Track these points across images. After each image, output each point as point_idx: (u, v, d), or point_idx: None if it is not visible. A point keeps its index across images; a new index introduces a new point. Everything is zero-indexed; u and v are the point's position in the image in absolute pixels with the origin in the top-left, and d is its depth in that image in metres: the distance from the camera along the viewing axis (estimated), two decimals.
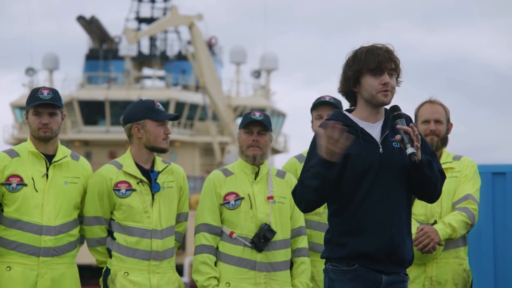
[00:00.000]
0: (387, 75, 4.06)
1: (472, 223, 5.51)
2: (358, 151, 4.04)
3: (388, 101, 4.09)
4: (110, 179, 5.19)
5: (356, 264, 4.03)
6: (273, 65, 45.10)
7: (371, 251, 4.02)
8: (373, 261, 4.03)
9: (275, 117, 43.51)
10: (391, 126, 4.12)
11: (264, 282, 5.22)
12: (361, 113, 4.13)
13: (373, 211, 4.03)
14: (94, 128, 42.01)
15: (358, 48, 4.10)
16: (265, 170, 5.35)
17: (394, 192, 4.06)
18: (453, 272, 5.54)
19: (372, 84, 4.06)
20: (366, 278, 4.03)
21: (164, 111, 5.26)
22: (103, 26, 45.60)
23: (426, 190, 4.13)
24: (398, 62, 4.09)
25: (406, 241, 4.10)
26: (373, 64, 4.04)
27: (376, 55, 4.04)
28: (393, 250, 4.05)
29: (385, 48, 4.07)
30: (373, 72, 4.06)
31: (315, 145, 4.03)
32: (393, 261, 4.07)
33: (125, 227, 5.17)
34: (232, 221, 5.27)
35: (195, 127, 42.73)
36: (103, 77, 44.18)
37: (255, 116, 5.29)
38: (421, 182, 4.09)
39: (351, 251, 4.03)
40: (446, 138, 5.67)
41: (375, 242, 4.02)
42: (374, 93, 4.07)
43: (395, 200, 4.06)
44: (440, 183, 4.16)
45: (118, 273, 5.16)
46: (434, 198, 4.20)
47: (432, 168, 4.09)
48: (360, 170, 4.04)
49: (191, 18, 40.73)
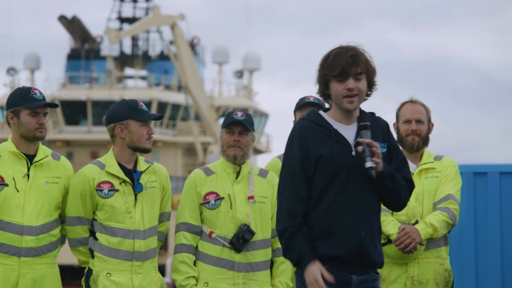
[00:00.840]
0: (353, 80, 4.03)
1: (453, 223, 5.54)
2: (330, 152, 4.02)
3: (353, 107, 4.05)
4: (93, 179, 5.18)
5: (326, 265, 4.01)
6: (255, 65, 45.10)
7: (340, 254, 4.01)
8: (342, 264, 4.02)
9: (257, 117, 43.51)
10: (360, 135, 4.08)
11: (242, 283, 5.23)
12: (335, 114, 4.11)
13: (343, 215, 4.01)
14: (76, 128, 41.87)
15: (329, 51, 4.08)
16: (247, 170, 5.36)
17: (365, 195, 4.04)
18: (434, 271, 5.56)
19: (337, 89, 4.05)
20: (336, 278, 4.01)
21: (147, 111, 5.26)
22: (85, 25, 45.45)
23: (388, 200, 4.13)
24: (366, 65, 4.05)
25: (376, 245, 4.08)
26: (337, 70, 4.02)
27: (339, 61, 4.02)
28: (363, 254, 4.03)
29: (350, 53, 4.03)
30: (338, 78, 4.04)
31: (291, 145, 4.05)
32: (363, 264, 4.05)
33: (108, 227, 5.16)
34: (211, 220, 5.27)
35: (178, 127, 42.67)
36: (85, 77, 44.05)
37: (236, 116, 5.30)
38: (383, 192, 4.08)
39: (319, 255, 4.01)
40: (427, 138, 5.70)
41: (344, 245, 4.00)
42: (339, 99, 4.06)
43: (365, 204, 4.04)
44: (404, 193, 4.12)
45: (101, 273, 5.14)
46: (398, 208, 4.19)
47: (394, 179, 4.06)
48: (330, 172, 4.02)
49: (173, 18, 40.67)
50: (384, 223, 5.52)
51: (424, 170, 5.64)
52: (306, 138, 4.05)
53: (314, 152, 4.02)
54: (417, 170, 5.64)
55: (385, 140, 4.13)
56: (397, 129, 5.71)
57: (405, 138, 5.65)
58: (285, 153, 4.11)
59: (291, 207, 4.03)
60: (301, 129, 4.08)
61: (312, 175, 4.03)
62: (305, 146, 4.04)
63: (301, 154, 4.04)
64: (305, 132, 4.06)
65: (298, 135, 4.07)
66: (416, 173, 5.63)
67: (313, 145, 4.04)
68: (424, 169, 5.64)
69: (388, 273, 5.59)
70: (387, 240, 5.54)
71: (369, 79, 4.08)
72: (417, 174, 5.63)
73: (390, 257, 5.57)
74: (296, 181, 4.04)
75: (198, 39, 46.12)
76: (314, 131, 4.06)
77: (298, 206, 4.03)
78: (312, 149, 4.03)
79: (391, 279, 5.58)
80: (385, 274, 5.59)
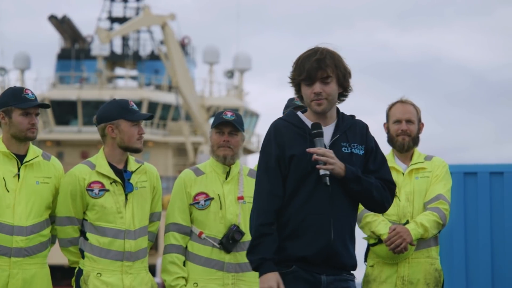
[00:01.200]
0: (320, 83, 4.04)
1: (443, 223, 5.55)
2: (303, 152, 4.03)
3: (321, 109, 4.07)
4: (83, 179, 5.17)
5: (293, 265, 4.02)
6: (246, 65, 45.10)
7: (308, 255, 4.00)
8: (310, 265, 4.02)
9: (248, 117, 43.52)
10: (343, 130, 4.11)
11: (232, 283, 5.24)
12: (311, 116, 4.13)
13: (313, 215, 4.01)
14: (66, 128, 41.79)
15: (302, 53, 4.09)
16: (236, 170, 5.36)
17: (337, 197, 4.04)
18: (424, 271, 5.57)
19: (306, 93, 4.08)
20: (305, 278, 4.02)
21: (138, 111, 5.25)
22: (75, 25, 45.37)
23: (363, 202, 4.13)
24: (334, 68, 4.04)
25: (348, 247, 4.07)
26: (304, 75, 4.04)
27: (306, 65, 4.03)
28: (332, 255, 4.02)
29: (317, 57, 4.02)
30: (305, 82, 4.06)
31: (268, 143, 4.07)
32: (332, 265, 4.04)
33: (98, 227, 5.15)
34: (201, 221, 5.28)
35: (168, 127, 42.64)
36: (75, 77, 43.98)
37: (226, 116, 5.30)
38: (352, 195, 4.08)
39: (288, 255, 4.02)
40: (417, 137, 5.71)
41: (312, 246, 4.00)
42: (308, 102, 4.08)
43: (337, 205, 4.03)
44: (378, 193, 4.09)
45: (91, 273, 5.14)
46: (379, 209, 4.18)
47: (361, 182, 4.04)
48: (303, 172, 4.03)
49: (164, 18, 40.63)
50: (374, 223, 5.53)
51: (414, 170, 5.65)
52: (282, 137, 4.08)
53: (288, 151, 4.05)
54: (408, 170, 5.65)
55: (362, 142, 4.13)
56: (387, 129, 5.72)
57: (395, 138, 5.66)
58: (262, 151, 4.14)
59: (266, 204, 4.04)
60: (277, 128, 4.10)
61: (287, 174, 4.05)
62: (280, 145, 4.06)
63: (278, 152, 4.06)
64: (280, 131, 4.09)
65: (274, 134, 4.09)
66: (407, 173, 5.64)
67: (288, 144, 4.06)
68: (414, 169, 5.65)
69: (378, 273, 5.60)
70: (378, 240, 5.55)
71: (340, 82, 4.08)
72: (407, 174, 5.64)
73: (381, 257, 5.58)
74: (272, 178, 4.05)
75: (188, 39, 46.10)
76: (290, 130, 4.09)
77: (273, 203, 4.04)
78: (287, 148, 4.05)
79: (382, 279, 5.59)
80: (376, 274, 5.60)
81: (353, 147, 4.10)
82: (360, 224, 5.61)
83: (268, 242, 4.00)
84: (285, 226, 4.04)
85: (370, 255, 5.67)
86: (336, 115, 4.15)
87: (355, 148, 4.10)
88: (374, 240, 5.58)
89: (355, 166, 4.07)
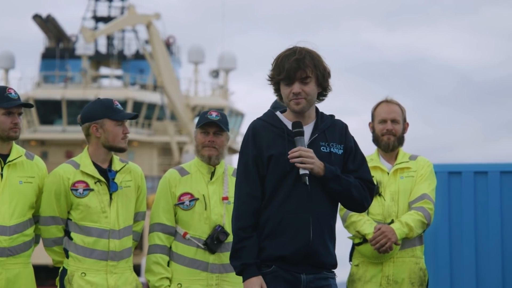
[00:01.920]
0: (299, 83, 4.04)
1: (428, 223, 5.56)
2: (281, 152, 4.03)
3: (299, 109, 4.07)
4: (68, 178, 5.15)
5: (273, 265, 4.02)
6: (231, 65, 45.07)
7: (286, 254, 4.00)
8: (289, 264, 4.02)
9: (233, 117, 43.50)
10: (321, 129, 4.12)
11: (216, 284, 5.24)
12: (290, 115, 4.14)
13: (292, 214, 4.01)
14: (50, 128, 41.64)
15: (281, 52, 4.09)
16: (221, 170, 5.35)
17: (316, 196, 4.04)
18: (409, 271, 5.58)
19: (284, 92, 4.08)
20: (285, 278, 4.02)
21: (122, 110, 5.24)
22: (59, 24, 45.21)
23: (342, 201, 4.13)
24: (314, 68, 4.04)
25: (327, 246, 4.07)
26: (283, 74, 4.05)
27: (285, 65, 4.03)
28: (310, 254, 4.02)
29: (296, 57, 4.02)
30: (284, 82, 4.06)
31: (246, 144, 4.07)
32: (311, 264, 4.04)
33: (83, 227, 5.13)
34: (186, 221, 5.27)
35: (153, 126, 42.55)
36: (59, 76, 43.81)
37: (211, 116, 5.29)
38: (332, 194, 4.08)
39: (268, 255, 4.02)
40: (402, 137, 5.72)
41: (291, 245, 4.00)
42: (287, 101, 4.08)
43: (316, 204, 4.04)
44: (358, 192, 4.09)
45: (75, 273, 5.12)
46: (359, 208, 4.17)
47: (340, 181, 4.05)
48: (281, 171, 4.03)
49: (149, 17, 40.54)
50: (359, 223, 5.53)
51: (399, 170, 5.66)
52: (260, 137, 4.08)
53: (266, 151, 4.05)
54: (392, 170, 5.66)
55: (341, 142, 4.14)
56: (373, 129, 5.73)
57: (381, 138, 5.67)
58: (240, 153, 4.14)
59: (245, 206, 4.05)
60: (255, 129, 4.11)
61: (265, 175, 4.05)
62: (258, 145, 4.07)
63: (255, 153, 4.06)
64: (258, 132, 4.09)
65: (252, 135, 4.10)
66: (391, 173, 5.65)
67: (265, 144, 4.06)
68: (399, 169, 5.66)
69: (363, 272, 5.60)
70: (362, 240, 5.56)
71: (319, 82, 4.08)
72: (392, 173, 5.65)
73: (366, 256, 5.59)
74: (250, 180, 4.06)
75: (173, 38, 46.03)
76: (268, 130, 4.09)
77: (251, 205, 4.04)
78: (265, 148, 4.06)
79: (367, 279, 5.59)
80: (361, 273, 5.61)
81: (332, 147, 4.10)
82: (345, 224, 5.62)
83: (249, 246, 4.01)
84: (264, 226, 4.04)
85: (355, 255, 5.67)
86: (315, 115, 4.16)
87: (334, 147, 4.10)
88: (359, 240, 5.59)
89: (334, 165, 4.07)
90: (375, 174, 5.63)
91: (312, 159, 4.00)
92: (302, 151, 3.99)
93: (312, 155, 4.00)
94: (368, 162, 5.64)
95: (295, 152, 3.99)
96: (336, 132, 4.14)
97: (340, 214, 5.63)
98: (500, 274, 7.20)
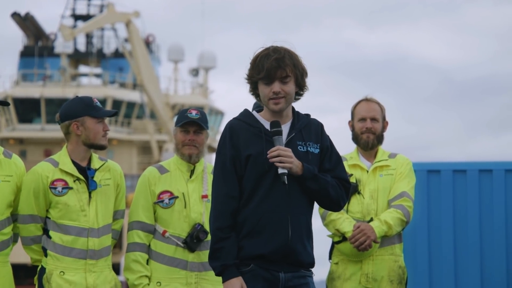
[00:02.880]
0: (279, 83, 4.05)
1: (407, 220, 5.58)
2: (259, 151, 4.04)
3: (278, 108, 4.07)
4: (46, 177, 5.13)
5: (252, 264, 4.03)
6: (211, 64, 45.04)
7: (265, 253, 4.02)
8: (268, 262, 4.03)
9: (213, 115, 43.46)
10: (298, 129, 4.13)
11: (195, 282, 5.23)
12: (267, 115, 4.14)
13: (271, 213, 4.02)
14: (29, 126, 41.45)
15: (259, 51, 4.09)
16: (201, 168, 5.35)
17: (294, 195, 4.05)
18: (388, 268, 5.60)
19: (264, 91, 4.08)
20: (264, 277, 4.03)
21: (102, 108, 5.23)
22: (38, 23, 45.00)
23: (319, 200, 4.14)
24: (293, 67, 4.05)
25: (305, 244, 4.08)
26: (262, 74, 4.04)
27: (265, 64, 4.03)
28: (289, 253, 4.04)
29: (276, 56, 4.02)
30: (264, 81, 4.06)
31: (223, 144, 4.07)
32: (289, 263, 4.06)
33: (61, 225, 5.11)
34: (165, 219, 5.26)
35: (133, 125, 42.45)
36: (38, 75, 43.61)
37: (191, 115, 5.29)
38: (309, 193, 4.10)
39: (246, 254, 4.03)
40: (381, 135, 5.73)
41: (270, 244, 4.01)
42: (266, 100, 4.08)
43: (294, 203, 4.05)
44: (335, 191, 4.11)
45: (54, 272, 5.10)
46: (334, 207, 4.18)
47: (318, 180, 4.06)
48: (259, 171, 4.04)
49: (128, 15, 40.44)
50: (339, 221, 5.55)
51: (378, 168, 5.67)
52: (237, 137, 4.08)
53: (244, 151, 4.05)
54: (372, 168, 5.67)
55: (318, 141, 4.15)
56: (352, 127, 5.74)
57: (360, 136, 5.68)
58: (217, 153, 4.13)
59: (223, 206, 4.05)
60: (232, 128, 4.10)
61: (243, 174, 4.06)
62: (236, 145, 4.07)
63: (232, 153, 4.06)
64: (236, 131, 4.09)
65: (229, 135, 4.09)
66: (371, 171, 5.66)
67: (243, 144, 4.06)
68: (378, 167, 5.67)
69: (343, 270, 5.61)
70: (342, 238, 5.57)
71: (298, 81, 4.09)
72: (371, 171, 5.66)
73: (345, 254, 5.60)
74: (228, 180, 4.06)
75: (153, 36, 45.94)
76: (245, 130, 4.09)
77: (229, 205, 4.05)
78: (243, 148, 4.06)
79: (346, 276, 5.60)
80: (340, 271, 5.62)
81: (308, 146, 4.11)
82: (325, 222, 5.63)
83: (228, 247, 4.01)
84: (243, 225, 4.05)
85: (334, 253, 5.68)
86: (292, 114, 4.17)
87: (310, 146, 4.12)
88: (338, 238, 5.60)
89: (312, 164, 4.08)
90: (354, 172, 5.64)
91: (291, 159, 4.00)
92: (280, 150, 4.00)
93: (291, 155, 4.01)
94: (348, 160, 5.70)
95: (273, 151, 4.00)
96: (312, 131, 4.16)
97: (320, 213, 5.64)
98: (478, 271, 7.24)
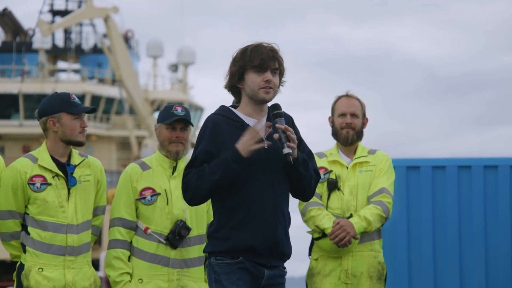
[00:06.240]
0: (270, 73, 4.15)
1: (386, 216, 5.60)
2: None
3: (269, 98, 4.17)
4: (25, 172, 5.10)
5: (240, 256, 4.09)
6: (190, 59, 44.95)
7: (255, 244, 4.09)
8: (256, 255, 4.10)
9: (192, 111, 43.39)
10: (273, 124, 4.18)
11: (177, 279, 5.22)
12: (246, 109, 4.20)
13: (258, 206, 4.09)
14: (7, 122, 41.21)
15: (247, 45, 4.18)
16: (183, 165, 5.33)
17: (278, 187, 4.15)
18: (368, 264, 5.61)
19: (254, 80, 4.15)
20: (250, 271, 4.10)
21: (80, 104, 5.20)
22: (16, 18, 44.73)
23: (299, 188, 4.21)
24: (281, 62, 4.19)
25: (287, 235, 4.20)
26: (257, 61, 4.13)
27: (260, 53, 4.13)
28: (276, 244, 4.13)
29: (270, 47, 4.17)
30: (256, 69, 4.14)
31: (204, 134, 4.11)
32: (275, 255, 4.15)
33: (40, 221, 5.09)
34: (147, 216, 5.24)
35: (112, 121, 42.30)
36: (16, 70, 43.35)
37: (177, 112, 5.27)
38: (295, 180, 4.17)
39: (235, 245, 4.09)
40: (361, 132, 5.74)
41: (259, 236, 4.09)
42: (256, 89, 4.15)
43: (278, 195, 4.15)
44: (314, 182, 4.24)
45: (32, 268, 5.07)
46: (308, 197, 4.29)
47: (307, 166, 4.17)
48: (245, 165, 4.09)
49: (107, 10, 40.27)
50: (318, 217, 5.55)
51: (358, 164, 5.68)
52: (219, 131, 4.13)
53: (227, 145, 4.08)
54: (351, 164, 5.68)
55: None
56: (332, 123, 5.75)
57: (340, 131, 5.69)
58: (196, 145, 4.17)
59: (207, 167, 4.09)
60: (214, 123, 4.15)
61: None
62: (217, 140, 4.12)
63: (211, 148, 4.11)
64: (218, 126, 4.14)
65: (210, 129, 4.14)
66: (350, 167, 5.67)
67: (226, 138, 4.11)
68: (358, 163, 5.68)
69: (322, 266, 5.62)
70: (322, 234, 5.58)
71: (280, 78, 4.21)
72: (351, 167, 5.67)
73: (325, 250, 5.61)
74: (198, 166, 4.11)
75: (132, 32, 45.75)
76: (227, 124, 4.15)
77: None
78: (226, 142, 4.10)
79: (326, 272, 5.61)
80: (320, 267, 5.63)
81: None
82: (304, 218, 5.64)
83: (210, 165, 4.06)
84: (230, 217, 4.10)
85: (314, 249, 5.69)
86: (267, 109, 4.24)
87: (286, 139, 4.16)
88: (318, 234, 5.61)
89: None
90: (334, 168, 5.65)
91: (295, 139, 4.09)
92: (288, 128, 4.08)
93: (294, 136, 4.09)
94: (327, 156, 5.71)
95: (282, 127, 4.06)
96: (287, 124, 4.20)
97: (299, 209, 5.65)
98: (457, 265, 7.27)
